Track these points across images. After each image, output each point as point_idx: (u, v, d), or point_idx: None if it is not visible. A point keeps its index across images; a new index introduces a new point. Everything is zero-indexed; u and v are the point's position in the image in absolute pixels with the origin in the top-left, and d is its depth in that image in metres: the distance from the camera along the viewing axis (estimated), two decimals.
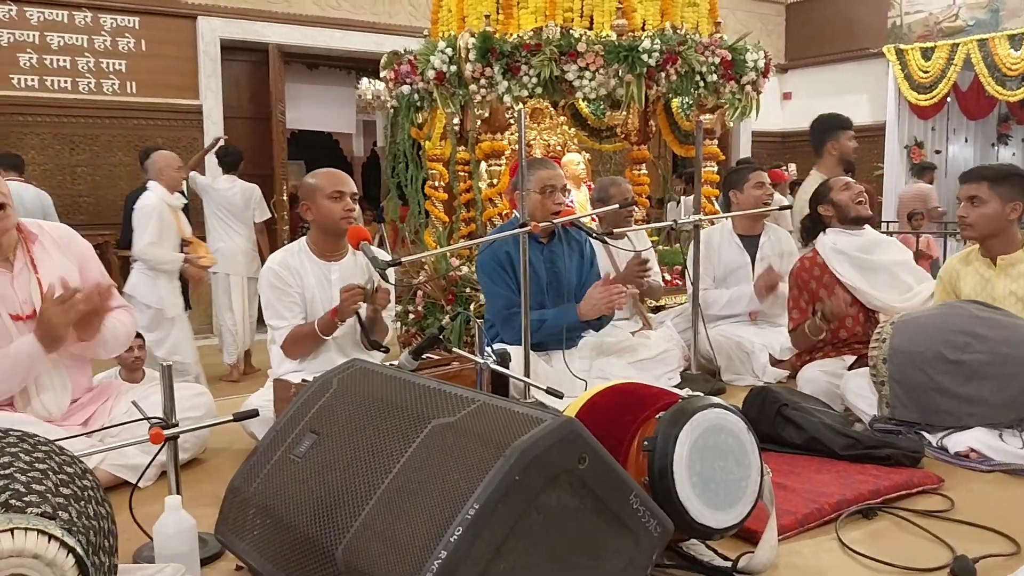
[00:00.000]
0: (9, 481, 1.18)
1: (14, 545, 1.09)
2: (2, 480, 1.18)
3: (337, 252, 2.84)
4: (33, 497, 1.18)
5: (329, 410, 1.74)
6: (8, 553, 1.08)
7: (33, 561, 1.10)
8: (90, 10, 7.20)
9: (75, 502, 1.24)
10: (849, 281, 3.19)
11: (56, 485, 1.23)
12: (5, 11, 6.89)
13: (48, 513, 1.17)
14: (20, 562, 1.09)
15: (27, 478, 1.20)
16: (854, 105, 10.58)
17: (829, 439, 2.34)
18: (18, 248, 2.35)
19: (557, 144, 6.57)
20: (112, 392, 2.52)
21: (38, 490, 1.20)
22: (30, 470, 1.22)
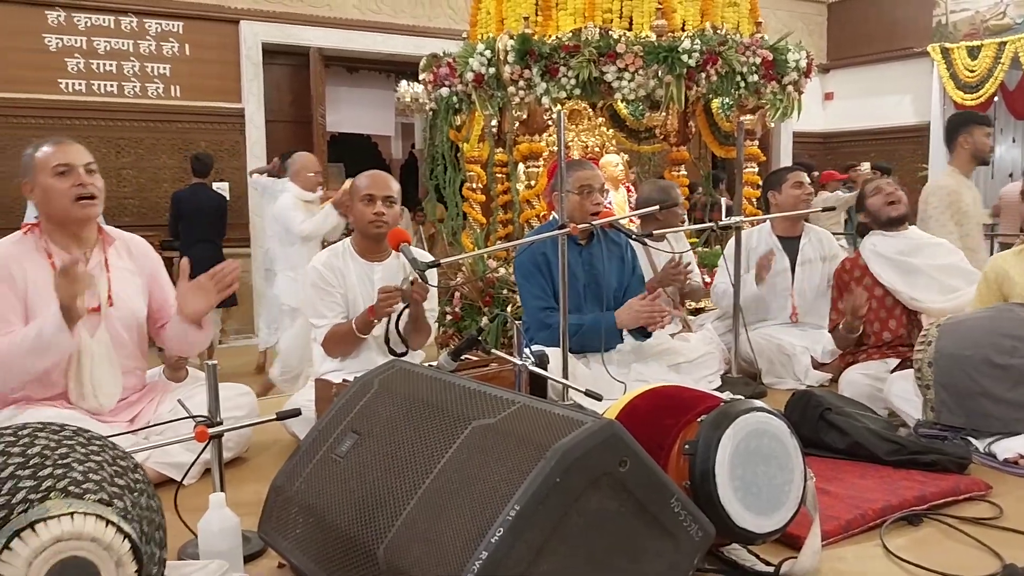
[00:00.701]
0: (68, 469, 1.21)
1: (74, 528, 1.12)
2: (61, 468, 1.21)
3: (379, 253, 2.87)
4: (90, 485, 1.21)
5: (370, 410, 1.76)
6: (68, 535, 1.12)
7: (91, 544, 1.13)
8: (136, 15, 7.34)
9: (129, 492, 1.27)
10: (888, 283, 3.17)
11: (111, 476, 1.26)
12: (54, 17, 7.05)
13: (105, 500, 1.20)
14: (79, 544, 1.12)
15: (84, 468, 1.24)
16: (897, 105, 10.43)
17: (873, 444, 2.30)
18: (96, 246, 2.45)
19: (595, 146, 6.55)
20: (158, 391, 2.57)
21: (94, 479, 1.23)
22: (87, 460, 1.26)
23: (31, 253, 2.34)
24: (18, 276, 2.29)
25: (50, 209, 2.35)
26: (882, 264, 3.20)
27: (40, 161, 2.33)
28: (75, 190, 2.32)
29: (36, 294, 2.30)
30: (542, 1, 5.32)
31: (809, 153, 11.05)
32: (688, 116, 6.22)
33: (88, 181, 2.35)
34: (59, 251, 2.37)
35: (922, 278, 3.17)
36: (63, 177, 2.31)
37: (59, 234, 2.39)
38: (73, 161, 2.33)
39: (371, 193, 2.79)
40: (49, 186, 2.31)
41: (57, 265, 2.33)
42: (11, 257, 2.31)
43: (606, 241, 3.26)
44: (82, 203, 2.34)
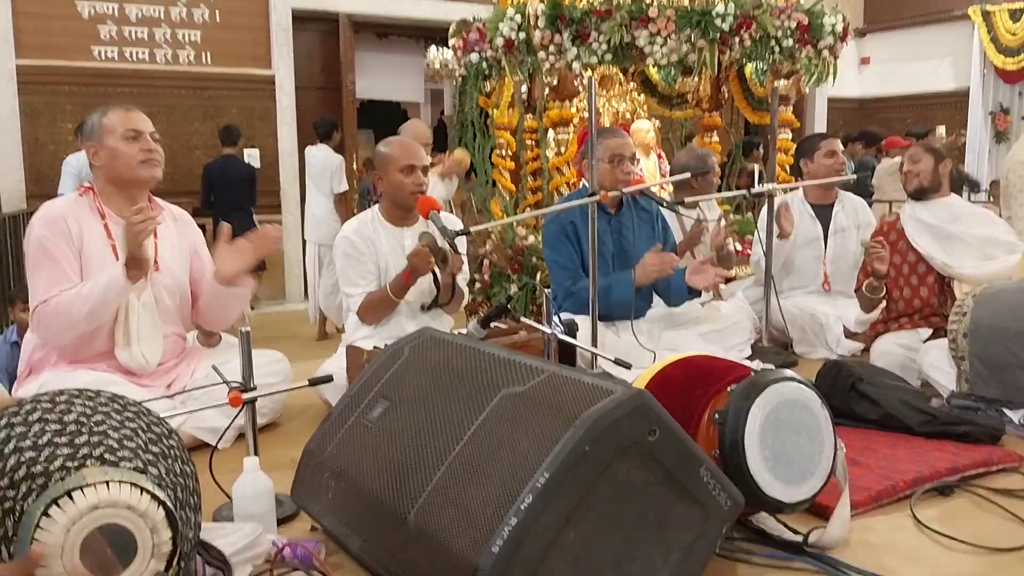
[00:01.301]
0: (103, 437, 1.24)
1: (110, 496, 1.15)
2: (96, 436, 1.24)
3: (409, 219, 2.88)
4: (125, 452, 1.24)
5: (401, 377, 1.77)
6: (105, 503, 1.14)
7: (127, 511, 1.16)
8: None
9: (163, 459, 1.29)
10: (924, 248, 3.13)
11: (145, 443, 1.29)
12: None
13: (139, 468, 1.23)
14: (115, 512, 1.15)
15: (119, 435, 1.26)
16: (936, 70, 10.19)
17: (905, 415, 2.28)
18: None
19: (626, 111, 6.47)
20: (194, 357, 2.61)
21: (129, 447, 1.25)
22: (121, 427, 1.28)
23: (86, 213, 2.42)
24: (75, 234, 2.37)
25: (116, 171, 2.42)
26: (919, 230, 3.16)
27: (109, 125, 2.40)
28: (143, 154, 2.41)
29: (89, 253, 2.38)
30: None
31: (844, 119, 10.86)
32: (721, 81, 6.11)
33: (154, 147, 2.46)
34: (112, 214, 2.44)
35: (959, 245, 3.12)
36: (132, 142, 2.40)
37: (115, 197, 2.45)
38: (142, 127, 2.43)
39: (412, 163, 2.79)
40: (118, 149, 2.39)
41: (111, 228, 2.41)
42: (69, 215, 2.38)
43: (636, 210, 3.24)
44: (150, 163, 2.43)
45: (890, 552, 1.70)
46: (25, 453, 1.19)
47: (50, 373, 2.34)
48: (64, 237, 2.35)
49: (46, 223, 2.36)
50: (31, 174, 7.00)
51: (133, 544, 1.17)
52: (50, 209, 2.40)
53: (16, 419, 1.25)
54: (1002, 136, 9.78)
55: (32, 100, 7.00)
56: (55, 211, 2.39)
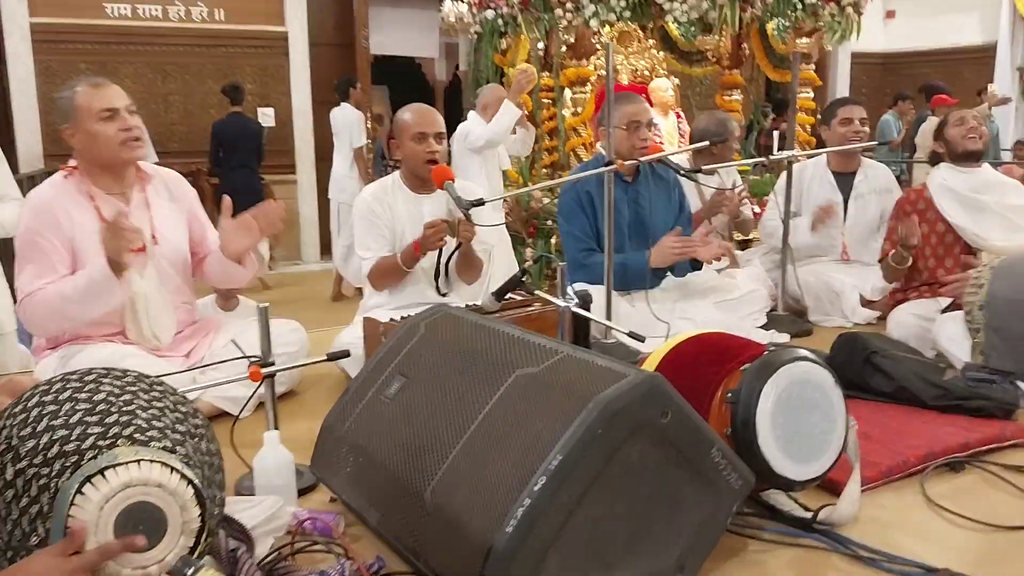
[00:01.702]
0: (132, 417, 1.27)
1: (141, 474, 1.18)
2: (126, 416, 1.27)
3: (428, 187, 2.87)
4: (154, 432, 1.27)
5: (417, 354, 1.79)
6: (136, 482, 1.17)
7: (157, 490, 1.19)
8: None
9: (190, 438, 1.33)
10: (954, 218, 3.09)
11: (173, 423, 1.32)
12: None
13: (168, 447, 1.26)
14: (147, 490, 1.18)
15: (147, 415, 1.29)
16: (963, 24, 9.98)
17: (919, 388, 2.29)
18: (136, 185, 2.49)
19: (645, 69, 6.40)
20: (212, 326, 2.64)
21: (158, 426, 1.28)
22: (149, 407, 1.31)
23: (74, 197, 2.37)
24: (64, 222, 2.33)
25: (97, 154, 2.37)
26: (949, 199, 3.11)
27: (83, 106, 2.33)
28: (122, 134, 2.34)
29: (83, 239, 2.34)
30: None
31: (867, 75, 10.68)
32: (742, 38, 6.03)
33: (133, 124, 2.37)
34: (101, 193, 2.41)
35: (989, 216, 3.09)
36: (109, 122, 2.33)
37: (101, 176, 2.41)
38: (117, 104, 2.35)
39: (423, 131, 2.78)
40: (96, 131, 2.33)
41: (101, 208, 2.38)
42: (55, 203, 2.34)
43: (654, 178, 3.22)
44: (130, 145, 2.37)
45: (900, 529, 1.72)
46: (57, 431, 1.22)
47: (68, 347, 2.36)
48: (53, 228, 2.30)
49: (35, 214, 2.32)
50: (48, 133, 7.03)
51: (164, 522, 1.20)
52: (38, 199, 2.36)
53: (47, 398, 1.28)
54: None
55: (47, 59, 7.00)
56: (43, 201, 2.34)
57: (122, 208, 2.32)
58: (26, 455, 1.20)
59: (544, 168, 6.05)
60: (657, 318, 2.89)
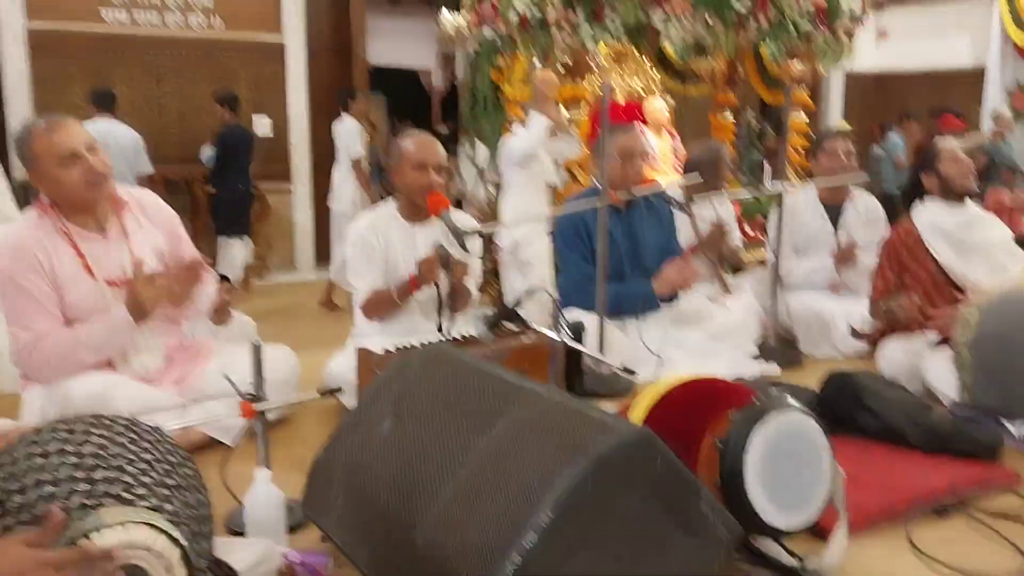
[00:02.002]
0: (119, 473, 1.27)
1: (127, 537, 1.18)
2: (114, 471, 1.27)
3: (424, 216, 2.87)
4: (142, 490, 1.27)
5: (409, 393, 1.80)
6: (123, 545, 1.18)
7: (144, 552, 1.19)
8: None
9: (177, 492, 1.33)
10: (945, 260, 3.10)
11: (161, 475, 1.33)
12: None
13: (155, 506, 1.26)
14: (133, 553, 1.19)
15: (135, 469, 1.30)
16: (954, 46, 10.05)
17: (906, 429, 2.31)
18: (111, 216, 2.44)
19: (640, 88, 6.43)
20: (203, 351, 2.63)
21: (145, 482, 1.29)
22: (137, 461, 1.32)
23: (51, 235, 2.33)
24: (44, 262, 2.29)
25: (63, 198, 2.33)
26: (938, 239, 3.11)
27: (42, 153, 2.26)
28: (86, 176, 2.29)
29: (64, 278, 2.30)
30: None
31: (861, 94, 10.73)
32: (736, 60, 6.07)
33: (95, 163, 2.31)
34: (77, 229, 2.37)
35: (976, 255, 3.11)
36: (71, 167, 2.27)
37: (74, 213, 2.37)
38: (76, 147, 2.28)
39: (424, 161, 2.78)
40: (59, 177, 2.27)
41: (79, 245, 2.34)
42: (34, 242, 2.29)
43: (647, 207, 3.24)
44: (96, 185, 2.32)
45: None
46: (45, 487, 1.22)
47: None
48: (33, 268, 2.26)
49: (10, 256, 2.27)
50: None
51: None
52: (11, 239, 2.31)
53: (35, 449, 1.28)
54: (1019, 115, 9.65)
55: (42, 64, 6.97)
56: (17, 241, 2.29)
57: (158, 251, 2.36)
58: (13, 511, 1.21)
59: None
60: (649, 349, 2.91)
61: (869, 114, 10.63)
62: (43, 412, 2.28)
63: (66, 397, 2.21)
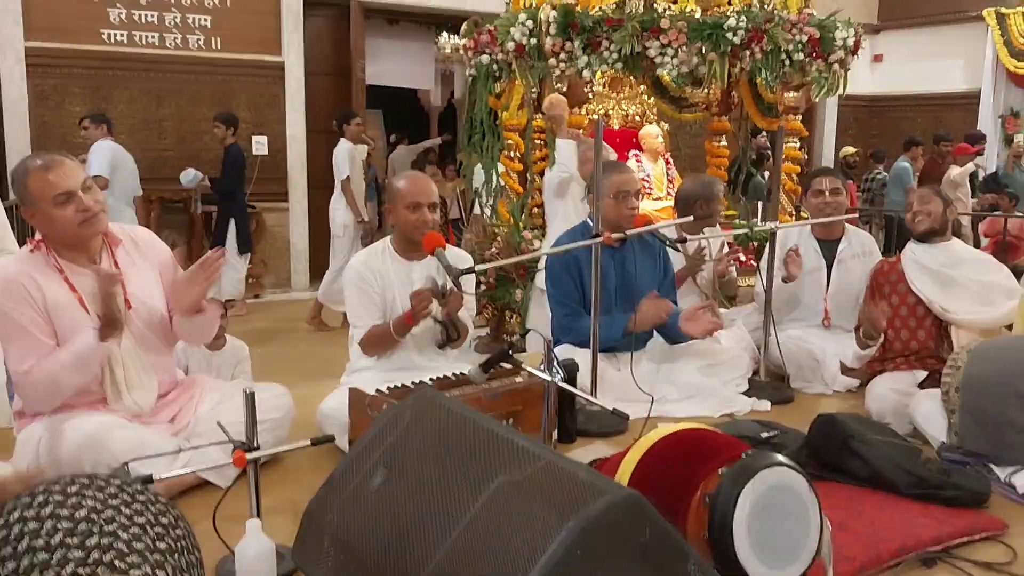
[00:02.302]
0: (113, 539, 1.29)
1: None
2: (107, 538, 1.28)
3: (418, 252, 2.89)
4: (134, 558, 1.28)
5: (402, 445, 1.82)
6: None
7: None
8: None
9: (170, 556, 1.34)
10: (924, 292, 3.16)
11: (154, 540, 1.34)
12: None
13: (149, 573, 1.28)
14: None
15: (128, 535, 1.31)
16: (949, 70, 10.15)
17: (894, 476, 2.32)
18: (103, 251, 2.46)
19: (636, 114, 6.49)
20: (196, 388, 2.64)
21: (138, 548, 1.30)
22: (131, 525, 1.33)
23: (44, 271, 2.34)
24: (37, 296, 2.30)
25: (57, 235, 2.35)
26: (919, 273, 3.18)
27: (37, 192, 2.28)
28: (80, 215, 2.30)
29: (57, 312, 2.32)
30: None
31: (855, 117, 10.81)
32: (731, 87, 6.12)
33: (89, 203, 2.32)
34: (69, 264, 2.38)
35: (959, 290, 3.15)
36: (65, 206, 2.28)
37: (67, 249, 2.38)
38: (71, 187, 2.29)
39: (417, 200, 2.81)
40: (53, 216, 2.29)
41: (71, 280, 2.36)
42: (26, 277, 2.30)
43: (639, 243, 3.27)
44: (90, 223, 2.33)
45: None
46: (38, 554, 1.24)
47: (53, 415, 2.34)
48: (26, 302, 2.28)
49: (4, 291, 2.28)
50: None
51: None
52: (5, 274, 2.31)
53: (29, 512, 1.30)
54: (1012, 139, 9.75)
55: (41, 83, 7.01)
56: (11, 276, 2.29)
57: (109, 272, 2.32)
58: None
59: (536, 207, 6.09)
60: (640, 389, 2.93)
61: (863, 136, 10.72)
62: (36, 452, 2.29)
63: (59, 438, 2.22)
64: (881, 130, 10.76)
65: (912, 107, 10.54)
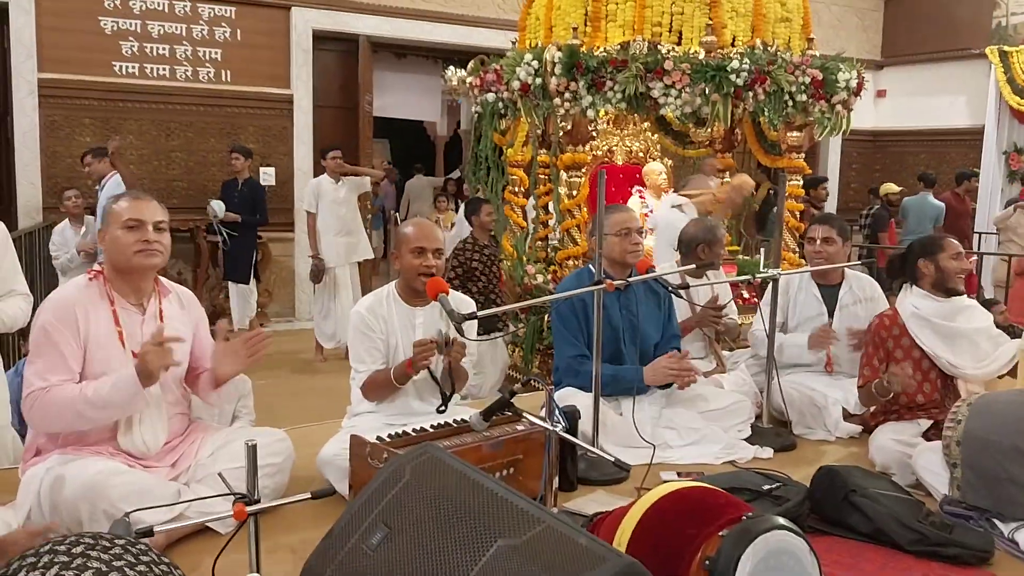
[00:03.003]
0: None
1: None
2: None
3: (422, 298, 2.91)
4: None
5: (401, 503, 1.82)
6: None
7: None
8: (190, 0, 7.42)
9: None
10: (930, 347, 3.13)
11: None
12: (110, 0, 7.15)
13: None
14: None
15: None
16: (951, 106, 10.20)
17: (896, 533, 2.32)
18: (152, 296, 2.58)
19: (640, 151, 6.52)
20: (199, 433, 2.65)
21: None
22: None
23: (95, 299, 2.46)
24: (81, 322, 2.40)
25: (115, 257, 2.48)
26: (922, 327, 3.15)
27: (115, 214, 2.47)
28: (139, 244, 2.44)
29: (96, 341, 2.41)
30: (591, 11, 5.30)
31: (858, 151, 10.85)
32: (734, 124, 6.16)
33: (154, 238, 2.46)
34: (120, 298, 2.49)
35: (963, 343, 3.14)
36: (132, 231, 2.44)
37: (120, 282, 2.51)
38: (144, 218, 2.45)
39: (422, 246, 2.84)
40: (117, 237, 2.45)
41: (119, 314, 2.47)
42: (77, 302, 2.42)
43: (644, 285, 3.29)
44: (145, 253, 2.45)
45: None
46: None
47: (57, 457, 2.37)
48: (70, 326, 2.38)
49: (55, 309, 2.40)
50: (48, 186, 7.09)
51: None
52: (60, 296, 2.45)
53: (34, 573, 1.31)
54: (1015, 175, 9.78)
55: (52, 113, 7.08)
56: (65, 299, 2.43)
57: (159, 326, 2.42)
58: None
59: (539, 240, 6.13)
60: (642, 437, 2.93)
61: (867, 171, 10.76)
62: (38, 496, 2.30)
63: (59, 484, 2.24)
64: (884, 165, 10.79)
65: (916, 142, 10.58)
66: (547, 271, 5.54)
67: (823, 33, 9.91)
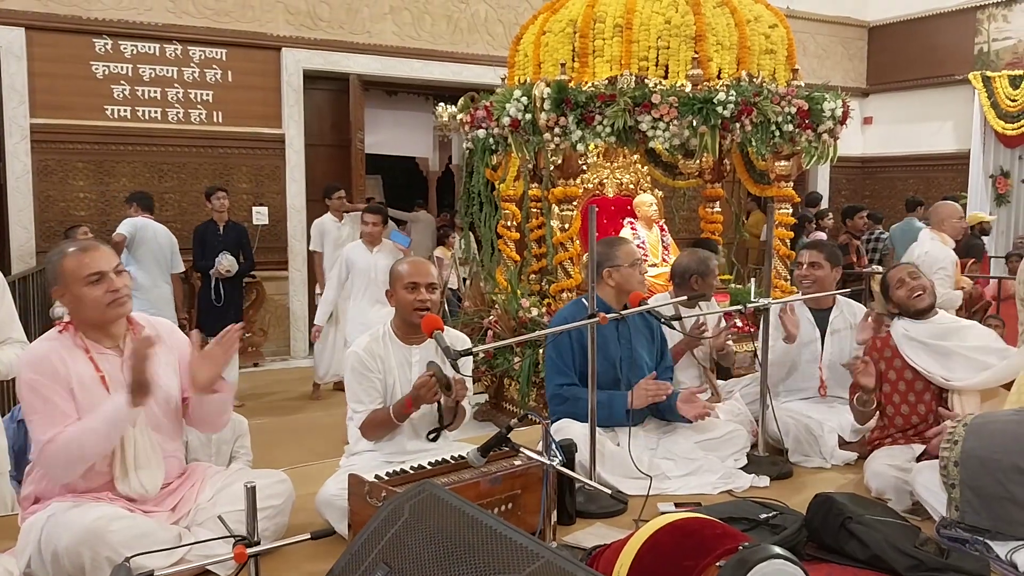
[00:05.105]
0: None
1: None
2: None
3: (418, 336, 2.91)
4: None
5: (400, 542, 1.83)
6: None
7: None
8: (180, 43, 7.51)
9: None
10: (922, 366, 3.19)
11: None
12: (101, 45, 7.24)
13: None
14: None
15: None
16: (937, 132, 10.33)
17: (893, 559, 2.33)
18: (127, 336, 2.55)
19: (630, 183, 6.59)
20: (198, 476, 2.66)
21: None
22: None
23: (70, 350, 2.43)
24: (62, 371, 2.38)
25: (84, 315, 2.45)
26: (914, 347, 3.22)
27: (70, 271, 2.41)
28: (109, 296, 2.41)
29: (81, 389, 2.40)
30: (579, 47, 5.38)
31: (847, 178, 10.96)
32: (723, 155, 6.24)
33: (119, 284, 2.44)
34: (94, 345, 2.47)
35: (956, 359, 3.19)
36: (96, 285, 2.40)
37: (92, 331, 2.48)
38: (103, 268, 2.42)
39: (415, 281, 2.87)
40: (83, 295, 2.40)
41: (96, 361, 2.45)
42: (52, 354, 2.40)
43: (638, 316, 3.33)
44: (118, 303, 2.44)
45: None
46: None
47: (58, 503, 2.36)
48: (53, 376, 2.36)
49: (33, 366, 2.38)
50: (41, 231, 7.12)
51: None
52: (34, 352, 2.42)
53: None
54: (1002, 199, 9.89)
55: (45, 158, 7.13)
56: (40, 353, 2.41)
57: (141, 336, 2.40)
58: None
59: (532, 274, 6.17)
60: (639, 469, 2.94)
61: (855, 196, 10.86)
62: (39, 543, 2.29)
63: (58, 531, 2.23)
64: (873, 191, 10.91)
65: (904, 168, 10.70)
66: (541, 304, 5.58)
67: (809, 62, 10.10)
